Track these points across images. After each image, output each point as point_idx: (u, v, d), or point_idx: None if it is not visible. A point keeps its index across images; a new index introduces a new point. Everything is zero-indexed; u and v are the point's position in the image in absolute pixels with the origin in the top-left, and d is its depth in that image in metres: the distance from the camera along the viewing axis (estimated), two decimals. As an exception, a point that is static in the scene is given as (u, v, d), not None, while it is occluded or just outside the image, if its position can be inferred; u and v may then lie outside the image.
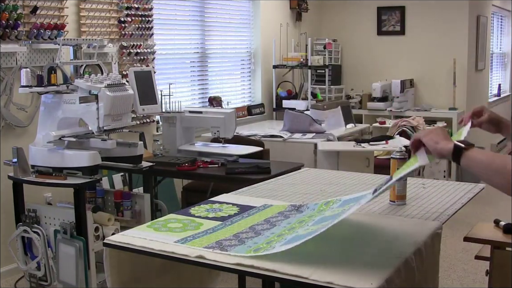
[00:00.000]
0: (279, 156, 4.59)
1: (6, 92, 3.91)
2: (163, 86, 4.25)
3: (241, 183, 3.13)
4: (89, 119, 3.32)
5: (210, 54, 6.05)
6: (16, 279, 3.87)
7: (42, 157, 3.39)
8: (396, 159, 2.36)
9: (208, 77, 6.05)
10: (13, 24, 3.85)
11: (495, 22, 9.27)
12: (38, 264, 3.42)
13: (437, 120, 6.77)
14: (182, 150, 4.13)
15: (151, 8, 5.02)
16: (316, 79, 7.07)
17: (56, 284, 3.37)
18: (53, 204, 3.99)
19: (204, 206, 2.34)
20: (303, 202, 2.33)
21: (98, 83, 3.28)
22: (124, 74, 4.52)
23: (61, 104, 3.38)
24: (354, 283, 1.55)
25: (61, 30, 4.17)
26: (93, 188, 3.69)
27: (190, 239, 1.91)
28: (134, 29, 4.87)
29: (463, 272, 4.04)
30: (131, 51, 4.84)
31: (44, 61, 4.07)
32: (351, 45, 7.54)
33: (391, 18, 7.36)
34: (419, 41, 7.04)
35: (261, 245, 1.80)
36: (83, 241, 3.23)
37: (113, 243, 1.94)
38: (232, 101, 6.21)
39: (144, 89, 3.80)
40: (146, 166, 3.67)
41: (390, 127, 5.87)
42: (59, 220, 3.36)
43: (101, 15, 4.59)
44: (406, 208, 2.32)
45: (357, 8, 7.51)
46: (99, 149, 3.39)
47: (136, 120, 4.76)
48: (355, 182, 2.80)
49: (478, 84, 7.76)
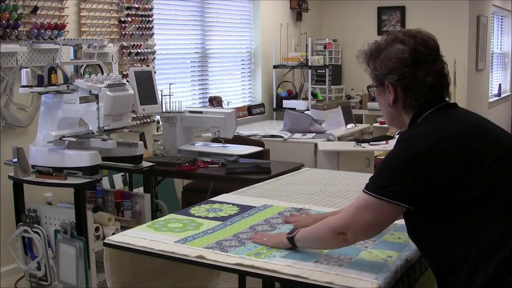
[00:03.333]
0: (279, 156, 4.58)
1: (6, 92, 3.91)
2: (164, 86, 4.25)
3: (241, 183, 3.13)
4: (89, 119, 3.32)
5: (211, 54, 6.05)
6: (16, 279, 3.87)
7: (43, 157, 3.39)
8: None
9: (209, 77, 6.04)
10: (14, 24, 3.85)
11: (496, 22, 9.28)
12: (39, 264, 3.42)
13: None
14: (182, 150, 4.13)
15: (151, 8, 5.02)
16: (317, 79, 7.07)
17: (57, 284, 3.37)
18: (53, 204, 3.99)
19: (204, 206, 2.34)
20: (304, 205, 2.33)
21: (99, 83, 3.28)
22: (125, 74, 4.51)
23: (61, 104, 3.38)
24: (354, 283, 1.55)
25: (61, 30, 4.17)
26: (93, 188, 3.69)
27: (190, 239, 1.91)
28: (135, 29, 4.87)
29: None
30: (131, 51, 4.84)
31: (45, 61, 4.07)
32: (351, 45, 7.53)
33: (391, 18, 7.36)
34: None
35: (261, 249, 1.80)
36: (84, 241, 3.23)
37: (113, 243, 1.94)
38: (232, 101, 6.21)
39: (144, 89, 3.80)
40: (146, 166, 3.67)
41: (390, 127, 5.86)
42: (60, 220, 3.36)
43: (101, 15, 4.59)
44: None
45: (357, 8, 7.51)
46: (99, 149, 3.39)
47: (136, 120, 4.76)
48: (355, 182, 2.80)
49: (478, 84, 7.75)
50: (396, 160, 1.60)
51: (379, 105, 1.80)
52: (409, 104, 1.68)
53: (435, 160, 1.54)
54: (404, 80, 1.65)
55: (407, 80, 1.65)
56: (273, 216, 2.17)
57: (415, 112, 1.68)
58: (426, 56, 1.66)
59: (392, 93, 1.69)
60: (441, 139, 1.57)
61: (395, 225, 2.09)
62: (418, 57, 1.65)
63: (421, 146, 1.56)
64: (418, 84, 1.64)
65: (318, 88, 6.99)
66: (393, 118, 1.74)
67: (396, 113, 1.72)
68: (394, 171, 1.58)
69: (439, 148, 1.55)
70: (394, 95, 1.68)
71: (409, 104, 1.68)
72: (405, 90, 1.67)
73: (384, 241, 1.91)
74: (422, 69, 1.64)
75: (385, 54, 1.69)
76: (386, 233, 1.98)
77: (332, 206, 2.34)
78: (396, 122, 1.76)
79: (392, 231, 2.00)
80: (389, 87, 1.68)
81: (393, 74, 1.66)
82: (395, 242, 1.91)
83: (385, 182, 1.58)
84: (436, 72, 1.66)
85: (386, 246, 1.87)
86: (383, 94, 1.72)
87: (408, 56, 1.65)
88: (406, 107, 1.69)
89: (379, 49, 1.72)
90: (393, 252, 1.80)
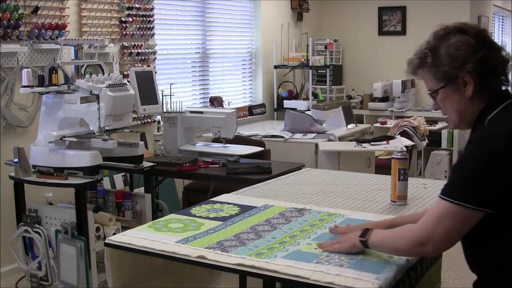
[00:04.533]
0: (280, 156, 4.58)
1: (7, 92, 3.91)
2: (164, 86, 4.25)
3: (242, 183, 3.12)
4: (90, 119, 3.32)
5: (211, 54, 6.05)
6: (17, 279, 3.87)
7: (43, 157, 3.39)
8: (397, 159, 2.36)
9: (209, 77, 6.05)
10: (14, 24, 3.85)
11: (496, 23, 9.27)
12: (39, 264, 3.42)
13: (438, 120, 6.77)
14: (183, 150, 4.13)
15: (152, 8, 5.02)
16: (317, 79, 7.06)
17: (57, 284, 3.37)
18: (54, 204, 3.99)
19: (205, 206, 2.34)
20: (305, 205, 2.33)
21: (99, 83, 3.28)
22: (125, 74, 4.51)
23: (62, 104, 3.38)
24: (355, 284, 1.55)
25: (62, 30, 4.17)
26: (94, 188, 3.69)
27: (191, 239, 1.91)
28: (135, 29, 4.87)
29: (464, 272, 4.04)
30: (132, 51, 4.84)
31: (45, 61, 4.07)
32: (352, 45, 7.53)
33: (392, 18, 7.36)
34: (420, 41, 6.96)
35: (262, 249, 1.80)
36: (84, 241, 3.23)
37: (114, 243, 1.94)
38: (233, 101, 6.21)
39: (145, 89, 3.80)
40: (147, 166, 3.67)
41: (391, 127, 5.86)
42: (60, 220, 3.36)
43: (102, 15, 4.59)
44: (407, 208, 2.32)
45: (358, 8, 7.51)
46: (100, 149, 3.39)
47: (137, 120, 4.76)
48: (356, 183, 2.80)
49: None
50: (475, 161, 1.51)
51: (444, 109, 1.70)
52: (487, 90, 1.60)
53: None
54: (481, 65, 1.57)
55: (484, 65, 1.57)
56: (274, 216, 2.17)
57: (483, 107, 1.60)
58: (489, 38, 1.61)
59: (472, 83, 1.59)
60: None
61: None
62: (485, 40, 1.59)
63: (501, 143, 1.49)
64: (496, 64, 1.58)
65: (319, 88, 6.99)
66: (465, 115, 1.64)
67: (469, 108, 1.62)
68: (474, 173, 1.50)
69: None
70: (474, 84, 1.59)
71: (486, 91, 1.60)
72: (483, 76, 1.58)
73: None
74: (493, 49, 1.59)
75: (445, 49, 1.62)
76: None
77: (332, 206, 2.34)
78: (466, 120, 1.66)
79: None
80: (466, 78, 1.59)
81: (468, 63, 1.57)
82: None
83: (468, 187, 1.50)
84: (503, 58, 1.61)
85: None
86: (455, 92, 1.62)
87: (474, 41, 1.58)
88: (480, 98, 1.60)
89: (433, 48, 1.65)
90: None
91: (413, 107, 7.07)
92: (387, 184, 2.49)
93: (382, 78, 7.15)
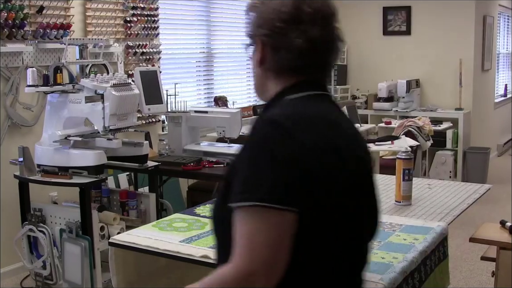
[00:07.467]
0: (284, 156, 4.57)
1: (12, 92, 3.92)
2: (169, 86, 4.25)
3: (246, 183, 3.12)
4: (94, 119, 3.33)
5: (216, 54, 6.05)
6: (21, 278, 3.88)
7: (48, 156, 3.40)
8: (401, 159, 2.36)
9: (214, 76, 6.05)
10: (19, 23, 3.86)
11: (502, 22, 9.24)
12: (44, 263, 3.43)
13: (443, 120, 6.76)
14: (188, 150, 4.13)
15: (157, 8, 5.02)
16: (322, 79, 7.05)
17: (62, 283, 3.38)
18: (59, 203, 4.00)
19: (210, 206, 2.34)
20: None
21: (104, 83, 3.29)
22: (130, 73, 4.52)
23: (67, 103, 3.39)
24: (359, 284, 1.54)
25: (67, 30, 4.18)
26: (98, 188, 3.70)
27: (195, 239, 1.91)
28: (140, 28, 4.87)
29: (468, 273, 4.02)
30: (136, 50, 4.84)
31: (50, 61, 4.08)
32: (356, 45, 7.52)
33: (397, 18, 7.34)
34: (425, 41, 7.02)
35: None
36: (89, 241, 3.24)
37: (118, 242, 1.95)
38: (237, 101, 6.20)
39: (149, 89, 3.80)
40: (151, 165, 3.67)
41: (396, 127, 5.85)
42: (65, 219, 3.37)
43: (107, 15, 4.60)
44: (412, 208, 2.31)
45: (362, 8, 7.50)
46: (104, 149, 3.39)
47: (141, 120, 4.76)
48: (361, 183, 2.80)
49: (484, 84, 7.73)
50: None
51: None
52: (277, 69, 1.36)
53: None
54: (272, 36, 1.34)
55: (275, 38, 1.34)
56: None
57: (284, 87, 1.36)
58: (307, 16, 1.34)
59: (259, 51, 1.37)
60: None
61: (401, 226, 2.08)
62: (297, 15, 1.33)
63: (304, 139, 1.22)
64: (287, 45, 1.33)
65: (324, 88, 6.97)
66: (259, 84, 1.41)
67: (262, 77, 1.40)
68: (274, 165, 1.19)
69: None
70: (261, 53, 1.36)
71: (276, 69, 1.36)
72: (273, 50, 1.35)
73: (390, 243, 1.91)
74: (296, 30, 1.33)
75: (266, 5, 1.37)
76: (391, 235, 1.98)
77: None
78: (261, 90, 1.42)
79: (397, 232, 1.99)
80: (258, 43, 1.37)
81: (263, 28, 1.35)
82: (400, 244, 1.90)
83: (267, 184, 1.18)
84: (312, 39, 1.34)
85: (391, 247, 1.86)
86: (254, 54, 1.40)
87: (286, 10, 1.33)
88: (272, 71, 1.37)
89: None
90: (398, 253, 1.80)
91: (417, 107, 7.05)
92: (392, 184, 2.49)
93: (387, 78, 7.13)
